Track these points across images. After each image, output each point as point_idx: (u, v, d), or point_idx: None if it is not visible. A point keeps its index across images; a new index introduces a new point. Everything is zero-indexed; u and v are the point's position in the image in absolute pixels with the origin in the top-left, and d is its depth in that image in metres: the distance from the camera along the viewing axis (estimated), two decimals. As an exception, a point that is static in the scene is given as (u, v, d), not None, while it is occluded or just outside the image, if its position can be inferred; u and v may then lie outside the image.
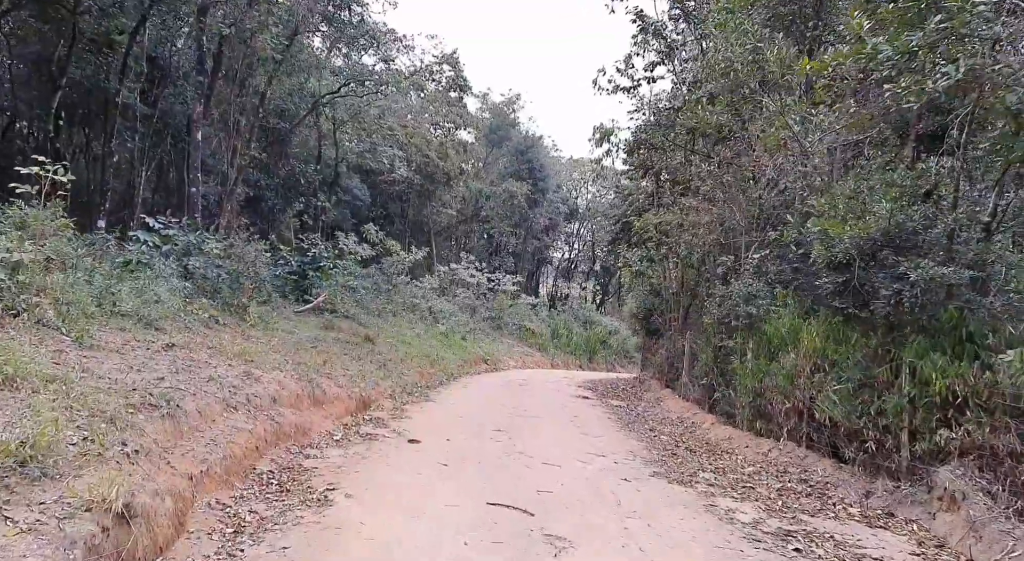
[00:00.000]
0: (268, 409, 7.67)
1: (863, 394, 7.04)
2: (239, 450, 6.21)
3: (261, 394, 7.83)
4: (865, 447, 6.92)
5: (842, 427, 7.33)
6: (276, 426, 7.39)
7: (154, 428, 5.40)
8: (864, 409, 6.98)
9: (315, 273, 19.47)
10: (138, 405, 5.61)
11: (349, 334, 16.42)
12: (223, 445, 6.02)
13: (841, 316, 7.50)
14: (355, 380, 11.96)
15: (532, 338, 35.66)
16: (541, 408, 13.31)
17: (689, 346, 14.24)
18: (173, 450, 5.33)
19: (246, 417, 7.00)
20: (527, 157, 46.00)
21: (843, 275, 7.14)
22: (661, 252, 15.84)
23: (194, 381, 7.01)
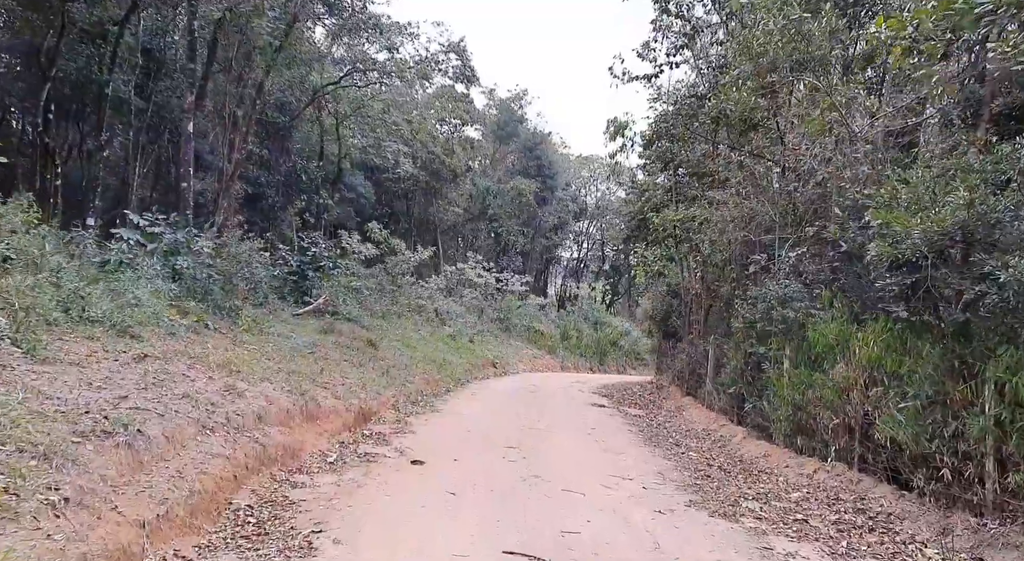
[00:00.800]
0: (252, 429, 6.77)
1: (935, 413, 6.08)
2: (212, 482, 5.30)
3: (244, 411, 6.92)
4: (939, 475, 5.96)
5: (908, 450, 6.36)
6: (260, 449, 6.48)
7: (104, 462, 4.50)
8: (937, 431, 6.01)
9: (315, 273, 18.60)
10: (87, 433, 4.71)
11: (350, 338, 15.53)
12: (192, 477, 5.11)
13: (904, 323, 6.54)
14: (355, 390, 11.06)
15: (541, 340, 34.74)
16: (555, 418, 12.38)
17: (713, 351, 13.27)
18: (125, 489, 4.42)
19: (224, 440, 6.10)
20: (535, 154, 45.05)
21: (911, 276, 6.18)
22: (682, 250, 14.87)
23: (164, 399, 6.10)
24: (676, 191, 15.92)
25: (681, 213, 14.39)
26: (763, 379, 10.57)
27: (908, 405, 6.26)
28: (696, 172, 14.39)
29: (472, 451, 8.69)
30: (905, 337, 6.56)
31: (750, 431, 10.59)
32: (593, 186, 59.45)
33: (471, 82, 23.21)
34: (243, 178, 26.07)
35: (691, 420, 12.85)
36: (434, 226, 40.47)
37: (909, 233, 5.98)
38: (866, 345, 7.09)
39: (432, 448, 8.68)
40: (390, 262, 25.97)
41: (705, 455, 9.65)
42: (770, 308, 9.79)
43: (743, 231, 10.77)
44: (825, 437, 8.07)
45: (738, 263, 12.79)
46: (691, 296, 15.93)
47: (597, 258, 60.77)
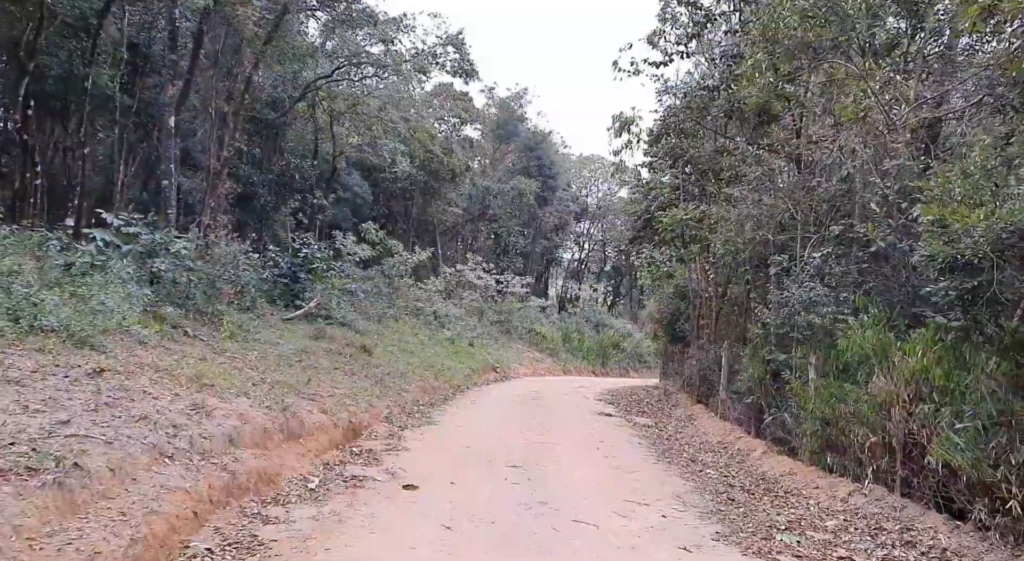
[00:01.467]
0: (220, 454, 5.98)
1: (999, 436, 5.30)
2: (164, 523, 4.52)
3: (213, 433, 6.14)
4: (1006, 507, 5.18)
5: (964, 476, 5.58)
6: (228, 478, 5.70)
7: (23, 507, 3.73)
8: (1002, 456, 5.24)
9: (307, 276, 17.82)
10: (6, 471, 3.93)
11: (342, 344, 14.76)
12: (138, 519, 4.33)
13: (958, 332, 5.76)
14: (345, 402, 10.28)
15: (542, 343, 33.96)
16: (560, 430, 11.60)
17: (727, 357, 12.49)
18: (45, 542, 3.64)
19: (185, 469, 5.31)
20: (536, 153, 44.30)
21: (970, 279, 5.40)
22: (692, 251, 14.09)
23: (116, 422, 5.33)
24: (685, 189, 15.13)
25: (691, 211, 13.60)
26: (784, 389, 9.80)
27: (966, 426, 5.48)
28: (707, 169, 13.61)
29: (471, 471, 7.91)
30: (960, 348, 5.79)
31: (770, 445, 9.81)
32: (594, 186, 58.72)
33: (470, 77, 22.40)
34: (233, 177, 25.30)
35: (704, 431, 12.07)
36: (433, 227, 39.71)
37: (970, 230, 5.20)
38: (911, 356, 6.31)
39: (427, 468, 7.89)
40: (387, 264, 25.19)
41: (724, 473, 8.86)
42: (793, 313, 9.02)
43: (761, 230, 9.98)
44: (860, 456, 7.29)
45: (753, 264, 12.02)
46: (701, 299, 15.16)
47: (598, 259, 60.03)
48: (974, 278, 5.34)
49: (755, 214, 9.95)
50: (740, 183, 10.70)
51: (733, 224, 10.28)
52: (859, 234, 8.91)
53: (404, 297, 26.22)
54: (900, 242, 8.21)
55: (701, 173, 13.83)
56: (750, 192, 10.09)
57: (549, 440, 10.47)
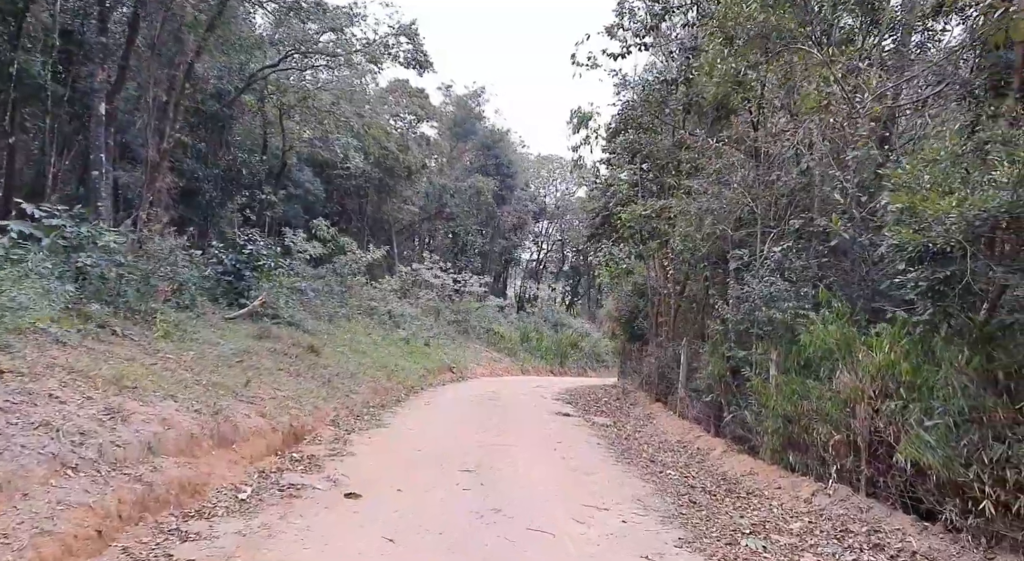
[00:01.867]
0: (136, 463, 5.39)
1: (971, 433, 5.07)
2: (57, 545, 3.94)
3: (128, 441, 5.54)
4: (978, 508, 4.95)
5: (934, 475, 5.34)
6: (144, 490, 5.11)
7: None
8: (974, 454, 5.00)
9: (253, 273, 17.03)
10: None
11: (288, 344, 14.08)
12: (23, 542, 3.75)
13: (926, 325, 5.53)
14: (287, 405, 9.68)
15: (501, 342, 33.55)
16: (517, 431, 11.19)
17: (686, 355, 12.26)
18: None
19: (90, 482, 4.72)
20: (494, 152, 43.93)
21: (941, 269, 5.15)
22: (650, 248, 13.84)
23: (10, 430, 4.71)
24: (643, 185, 14.90)
25: (649, 207, 13.35)
26: (745, 387, 9.58)
27: (937, 423, 5.24)
28: (665, 164, 13.38)
29: (421, 477, 7.42)
30: (929, 342, 5.55)
31: (730, 444, 9.58)
32: (552, 186, 58.65)
33: (424, 68, 21.81)
34: (177, 171, 24.28)
35: (663, 430, 11.80)
36: (388, 225, 38.94)
37: (941, 218, 4.96)
38: (877, 351, 6.07)
39: (373, 474, 7.38)
40: (339, 262, 24.42)
41: (684, 474, 8.57)
42: (754, 308, 8.78)
43: (720, 225, 9.73)
44: (823, 455, 7.05)
45: (712, 260, 11.82)
46: (660, 296, 14.94)
47: (557, 259, 59.95)
48: (945, 268, 5.10)
49: (714, 208, 9.70)
50: (699, 177, 10.45)
51: (693, 218, 10.01)
52: (819, 228, 8.74)
53: (357, 296, 25.51)
54: (860, 236, 8.04)
55: (660, 168, 13.59)
56: (710, 185, 9.83)
57: (505, 441, 10.04)
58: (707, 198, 9.80)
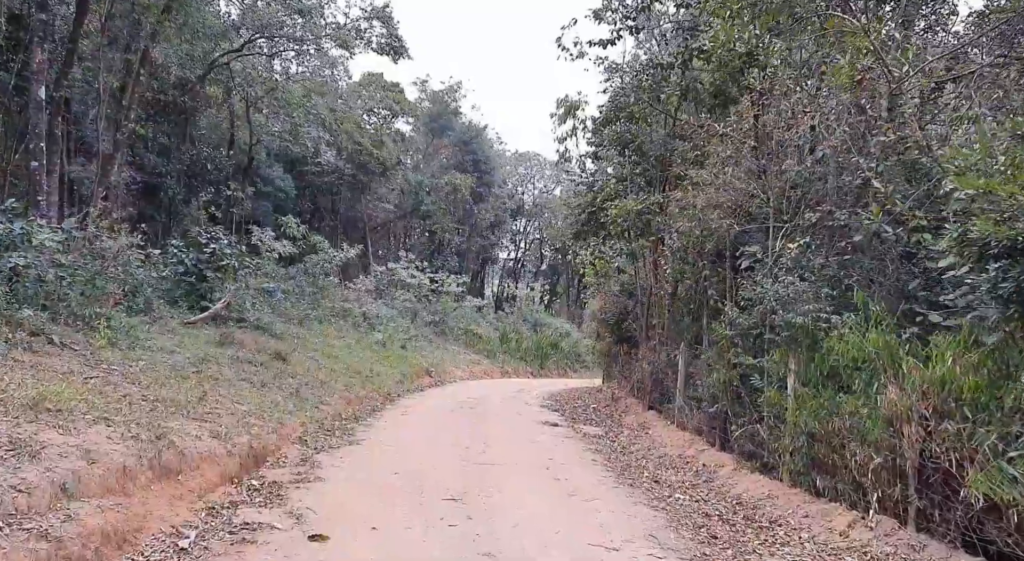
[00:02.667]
0: (45, 512, 4.33)
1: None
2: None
3: (35, 483, 4.48)
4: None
5: (1015, 515, 4.50)
6: (51, 548, 4.06)
7: None
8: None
9: (216, 274, 15.87)
10: None
11: (253, 350, 12.96)
12: None
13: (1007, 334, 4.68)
14: (247, 421, 8.62)
15: (480, 344, 32.56)
16: (503, 446, 10.23)
17: (684, 361, 11.41)
18: None
19: (-27, 545, 3.67)
20: (471, 148, 42.90)
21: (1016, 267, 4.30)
22: (642, 245, 12.98)
23: None
24: (632, 179, 14.03)
25: (641, 202, 12.48)
26: (755, 397, 8.75)
27: (1022, 454, 4.39)
28: (660, 155, 12.51)
29: (399, 510, 6.43)
30: (1006, 355, 4.71)
31: (739, 460, 8.73)
32: (530, 184, 57.84)
33: (399, 54, 20.71)
34: (137, 166, 22.99)
35: (661, 442, 10.94)
36: (363, 224, 37.73)
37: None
38: (937, 363, 5.21)
39: (343, 507, 6.38)
40: (310, 261, 23.23)
41: (695, 496, 7.69)
42: (769, 311, 7.92)
43: (727, 218, 8.87)
44: (859, 480, 6.20)
45: (710, 259, 10.97)
46: (652, 297, 14.08)
47: (535, 258, 59.14)
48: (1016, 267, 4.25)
49: (721, 201, 8.82)
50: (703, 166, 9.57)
51: (698, 211, 9.13)
52: (838, 222, 7.92)
53: (330, 297, 24.35)
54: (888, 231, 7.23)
55: (654, 160, 12.72)
56: (716, 175, 8.95)
57: (492, 459, 9.08)
58: (713, 190, 8.91)
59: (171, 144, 24.44)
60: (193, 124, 25.28)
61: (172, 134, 24.70)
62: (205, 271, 15.75)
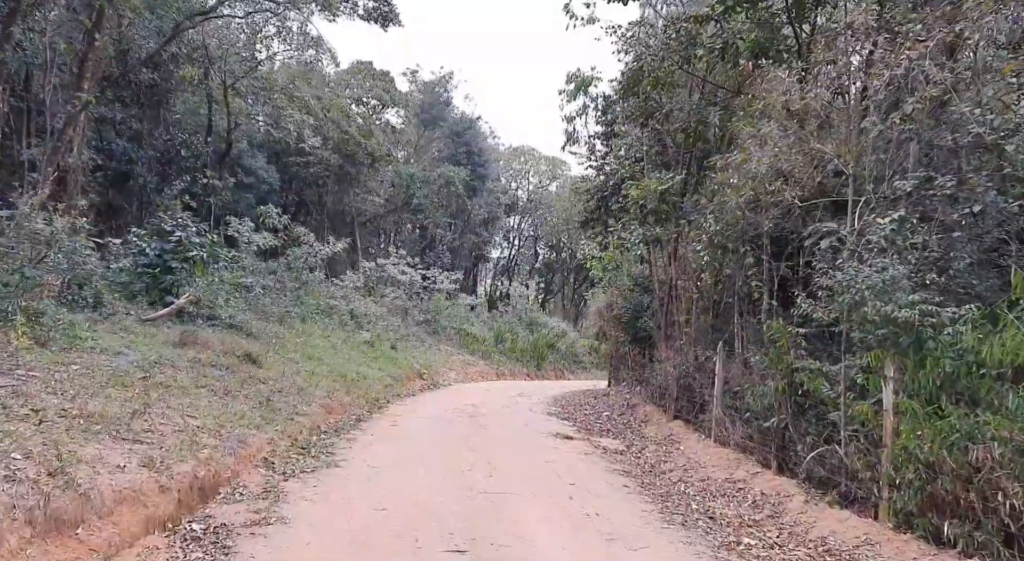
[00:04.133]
0: None
1: None
2: None
3: None
4: None
5: None
6: None
7: None
8: None
9: (183, 266, 14.06)
10: None
11: (219, 351, 11.21)
12: None
13: None
14: (198, 440, 6.90)
15: (474, 344, 30.82)
16: (513, 467, 8.52)
17: (721, 363, 9.75)
18: None
19: None
20: (464, 140, 41.17)
21: None
22: (668, 231, 11.32)
23: None
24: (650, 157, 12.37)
25: (665, 181, 10.82)
26: (821, 409, 7.13)
27: None
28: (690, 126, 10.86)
29: (385, 569, 4.72)
30: None
31: (809, 489, 7.07)
32: (525, 179, 56.11)
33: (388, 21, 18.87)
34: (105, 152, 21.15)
35: (698, 460, 9.26)
36: (351, 218, 35.85)
37: None
38: None
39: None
40: (292, 255, 21.43)
41: (764, 538, 6.01)
42: (858, 303, 6.25)
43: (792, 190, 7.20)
44: (1015, 530, 4.55)
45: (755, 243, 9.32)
46: (675, 291, 12.42)
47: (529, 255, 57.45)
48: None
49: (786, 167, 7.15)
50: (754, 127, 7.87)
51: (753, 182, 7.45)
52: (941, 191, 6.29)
53: (315, 294, 22.59)
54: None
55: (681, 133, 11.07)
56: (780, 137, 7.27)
57: (501, 486, 7.38)
58: (777, 152, 7.23)
59: (143, 129, 22.61)
60: (167, 107, 23.44)
61: (144, 118, 22.85)
62: (170, 262, 13.95)
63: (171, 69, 22.16)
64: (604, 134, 15.71)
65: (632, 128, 13.10)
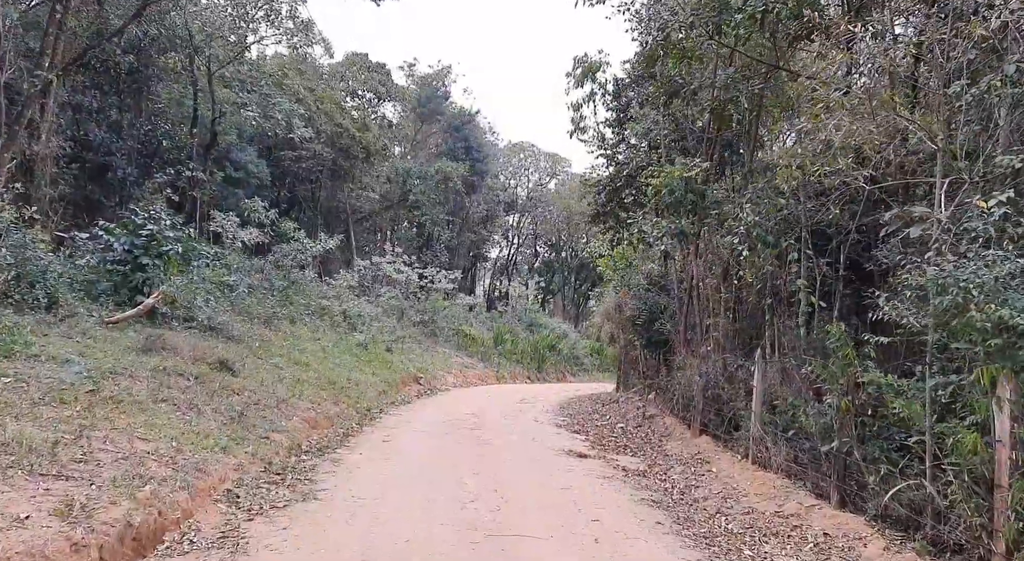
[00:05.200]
0: None
1: None
2: None
3: None
4: None
5: None
6: None
7: None
8: None
9: (156, 262, 12.79)
10: None
11: (189, 358, 9.96)
12: None
13: None
14: (142, 472, 5.64)
15: (473, 346, 29.58)
16: (525, 496, 7.27)
17: (761, 372, 8.51)
18: None
19: None
20: (462, 134, 39.93)
21: None
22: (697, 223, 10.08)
23: None
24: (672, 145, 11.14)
25: (693, 168, 9.59)
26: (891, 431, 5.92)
27: None
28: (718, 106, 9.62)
29: None
30: None
31: (884, 529, 5.83)
32: (524, 177, 54.86)
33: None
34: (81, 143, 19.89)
35: (735, 486, 8.03)
36: (345, 215, 34.58)
37: None
38: None
39: None
40: (280, 251, 20.15)
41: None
42: (959, 306, 5.02)
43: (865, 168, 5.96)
44: None
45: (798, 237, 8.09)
46: (699, 291, 11.20)
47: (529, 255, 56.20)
48: None
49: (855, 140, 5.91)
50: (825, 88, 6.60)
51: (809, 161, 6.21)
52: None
53: (305, 294, 21.32)
54: None
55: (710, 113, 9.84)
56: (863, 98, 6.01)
57: (511, 525, 6.13)
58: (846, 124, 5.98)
59: (123, 119, 21.34)
60: (149, 96, 22.15)
61: (124, 107, 21.58)
62: (141, 258, 12.68)
63: (152, 54, 20.91)
64: (616, 121, 14.46)
65: (649, 112, 11.85)
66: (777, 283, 8.89)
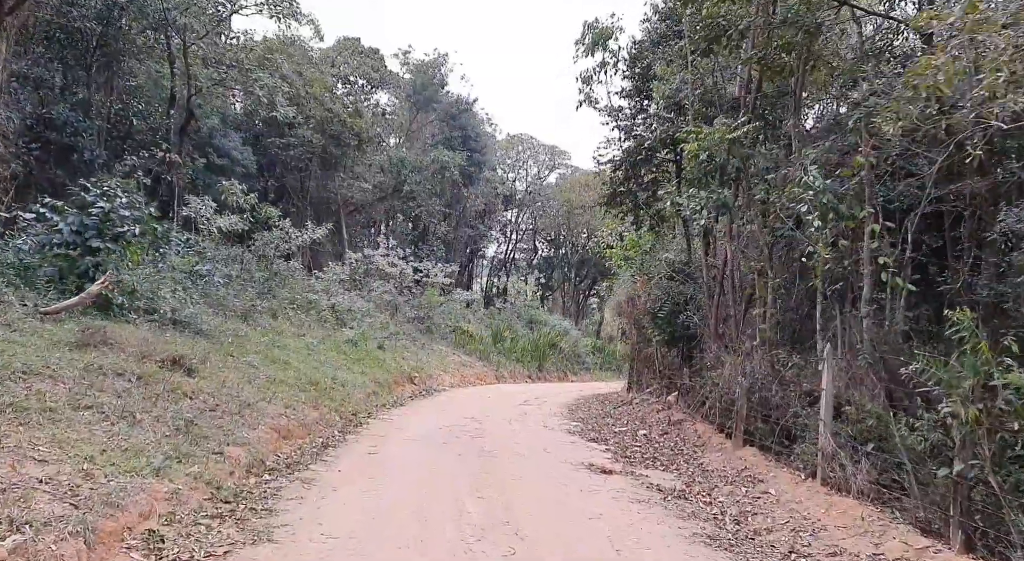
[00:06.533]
0: None
1: None
2: None
3: None
4: None
5: None
6: None
7: None
8: None
9: (111, 245, 11.11)
10: None
11: (135, 355, 8.30)
12: None
13: None
14: (12, 516, 3.99)
15: (471, 343, 27.95)
16: (542, 532, 5.64)
17: (831, 373, 6.90)
18: None
19: None
20: (459, 123, 38.20)
21: None
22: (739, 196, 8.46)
23: None
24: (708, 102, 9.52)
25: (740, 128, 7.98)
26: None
27: None
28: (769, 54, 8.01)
29: None
30: None
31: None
32: (523, 170, 53.18)
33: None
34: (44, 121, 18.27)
35: (804, 513, 6.41)
36: (336, 206, 32.81)
37: None
38: None
39: None
40: (260, 239, 18.48)
41: None
42: None
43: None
44: None
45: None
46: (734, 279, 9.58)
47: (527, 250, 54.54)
48: None
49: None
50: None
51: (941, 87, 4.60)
52: None
53: (289, 286, 19.68)
54: None
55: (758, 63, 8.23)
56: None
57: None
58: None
59: (91, 97, 19.65)
60: (119, 72, 20.44)
61: (92, 84, 19.90)
62: (92, 241, 10.99)
63: (123, 26, 19.22)
64: (633, 90, 12.84)
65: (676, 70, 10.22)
66: (846, 264, 7.28)
